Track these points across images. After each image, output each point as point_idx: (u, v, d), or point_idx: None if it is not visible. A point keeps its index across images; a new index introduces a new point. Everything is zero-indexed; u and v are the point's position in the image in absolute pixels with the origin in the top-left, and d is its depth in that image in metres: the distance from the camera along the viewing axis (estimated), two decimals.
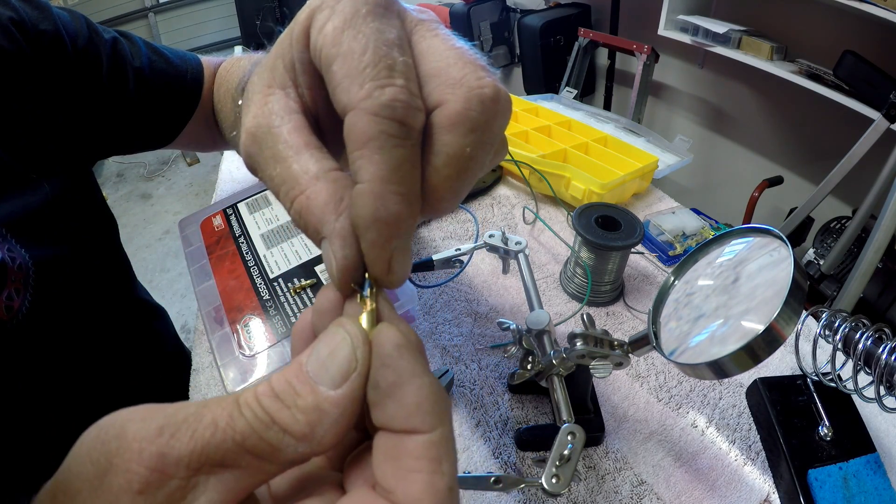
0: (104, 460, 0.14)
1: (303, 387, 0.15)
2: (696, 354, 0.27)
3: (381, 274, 0.17)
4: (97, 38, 0.46)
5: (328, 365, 0.16)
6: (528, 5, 2.26)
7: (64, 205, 0.41)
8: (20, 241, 0.37)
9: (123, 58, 0.47)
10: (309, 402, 0.15)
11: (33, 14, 0.41)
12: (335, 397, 0.15)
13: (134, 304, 0.56)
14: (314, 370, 0.16)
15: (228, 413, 0.15)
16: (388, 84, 0.16)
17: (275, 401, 0.15)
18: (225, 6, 3.16)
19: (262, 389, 0.15)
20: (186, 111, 0.52)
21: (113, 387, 0.47)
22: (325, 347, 0.16)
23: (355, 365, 0.16)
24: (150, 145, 0.53)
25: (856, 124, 1.23)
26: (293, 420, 0.15)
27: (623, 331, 0.49)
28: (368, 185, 0.16)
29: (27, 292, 0.36)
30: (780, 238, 0.27)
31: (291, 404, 0.15)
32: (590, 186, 0.60)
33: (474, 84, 0.18)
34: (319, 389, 0.15)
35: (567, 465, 0.27)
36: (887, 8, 1.13)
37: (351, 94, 0.16)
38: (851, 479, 0.34)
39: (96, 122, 0.47)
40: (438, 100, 0.18)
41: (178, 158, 3.03)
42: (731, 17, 1.61)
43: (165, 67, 0.50)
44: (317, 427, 0.15)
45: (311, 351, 0.16)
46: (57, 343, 0.40)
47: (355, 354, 0.16)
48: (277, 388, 0.15)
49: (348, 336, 0.16)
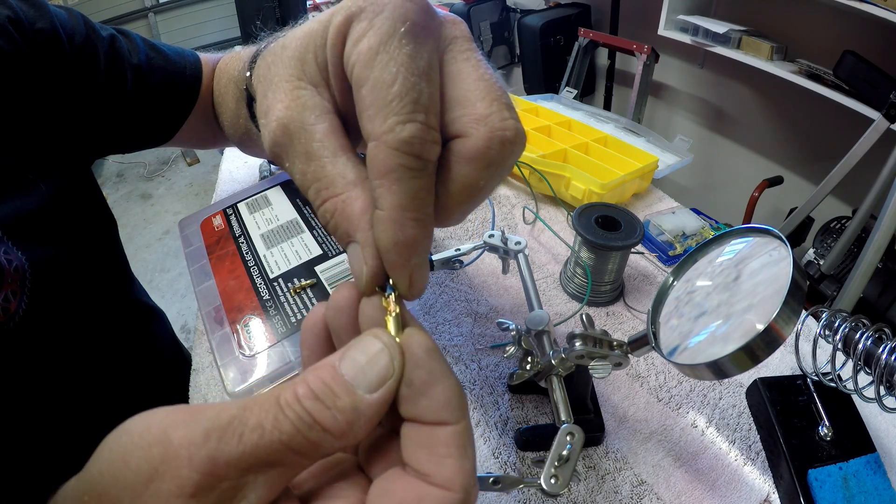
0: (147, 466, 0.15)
1: (341, 390, 0.17)
2: (695, 355, 0.27)
3: (403, 289, 0.19)
4: (94, 35, 0.45)
5: (367, 372, 0.17)
6: (528, 5, 2.26)
7: (61, 205, 0.41)
8: (16, 242, 0.36)
9: (121, 55, 0.46)
10: (348, 403, 0.16)
11: (30, 13, 0.41)
12: (372, 400, 0.17)
13: (132, 305, 0.55)
14: (351, 375, 0.17)
15: (273, 416, 0.16)
16: (410, 120, 0.18)
17: (316, 402, 0.16)
18: (225, 6, 3.16)
19: (303, 392, 0.16)
20: (185, 107, 0.52)
21: (110, 389, 0.47)
22: (362, 355, 0.17)
23: (392, 373, 0.17)
24: (149, 143, 0.53)
25: (856, 124, 1.23)
26: (333, 420, 0.16)
27: (623, 331, 0.49)
28: (388, 212, 0.18)
29: (24, 295, 0.36)
30: (780, 238, 0.27)
31: (332, 406, 0.16)
32: (590, 186, 0.60)
33: (498, 125, 0.19)
34: (357, 393, 0.17)
35: (566, 466, 0.27)
36: (887, 8, 1.13)
37: (375, 125, 0.18)
38: (851, 479, 0.34)
39: (94, 121, 0.46)
40: (462, 131, 0.19)
41: (178, 158, 3.03)
42: (731, 17, 1.61)
43: (163, 64, 0.49)
44: (354, 426, 0.16)
45: (345, 355, 0.17)
46: (54, 345, 0.40)
47: (393, 364, 0.17)
48: (317, 390, 0.16)
49: (386, 348, 0.17)
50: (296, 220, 0.49)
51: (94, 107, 0.45)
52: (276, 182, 0.55)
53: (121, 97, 0.47)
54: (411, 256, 0.19)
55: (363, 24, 0.19)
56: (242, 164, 0.73)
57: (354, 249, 0.20)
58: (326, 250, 0.45)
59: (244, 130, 0.49)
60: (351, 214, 0.19)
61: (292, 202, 0.51)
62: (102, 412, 0.46)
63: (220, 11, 3.22)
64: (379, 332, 0.18)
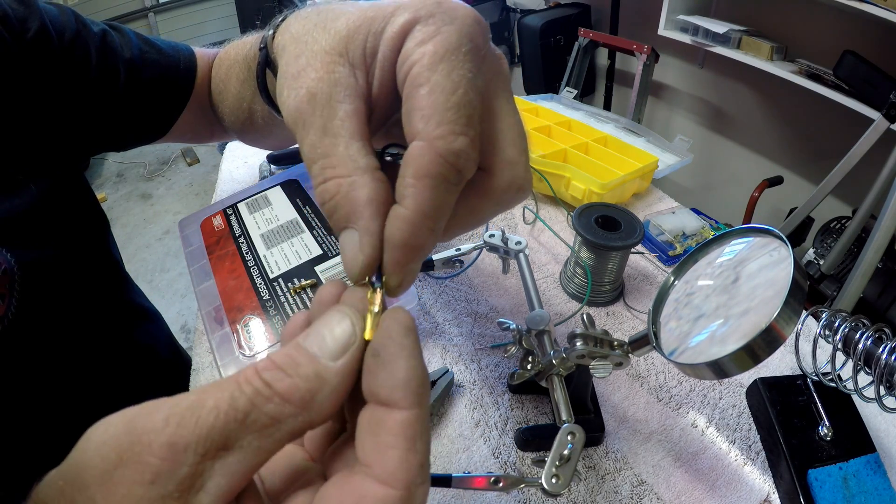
0: (113, 455, 0.15)
1: (303, 358, 0.16)
2: (695, 354, 0.27)
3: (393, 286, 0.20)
4: (85, 31, 0.44)
5: (328, 339, 0.17)
6: (528, 5, 2.26)
7: (52, 207, 0.41)
8: (5, 244, 0.36)
9: (113, 50, 0.46)
10: (310, 370, 0.16)
11: (19, 10, 0.40)
12: (334, 367, 0.16)
13: (125, 307, 0.55)
14: (314, 345, 0.17)
15: (230, 394, 0.15)
16: (464, 133, 0.18)
17: (276, 372, 0.16)
18: (225, 6, 3.16)
19: (263, 364, 0.16)
20: (180, 101, 0.51)
21: (103, 391, 0.46)
22: (323, 326, 0.17)
23: (354, 339, 0.17)
24: (144, 139, 0.52)
25: (856, 124, 1.23)
26: (294, 388, 0.16)
27: (623, 331, 0.49)
28: (411, 214, 0.18)
29: (12, 297, 0.36)
30: (780, 238, 0.27)
31: (293, 373, 0.16)
32: (590, 186, 0.60)
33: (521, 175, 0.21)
34: (320, 360, 0.16)
35: (567, 465, 0.27)
36: (887, 8, 1.13)
37: (429, 125, 0.18)
38: (851, 479, 0.34)
39: (88, 117, 0.45)
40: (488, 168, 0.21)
41: (178, 158, 3.03)
42: (731, 17, 1.61)
43: (157, 58, 0.49)
44: (317, 395, 0.16)
45: (309, 332, 0.17)
46: (45, 348, 0.40)
47: (354, 329, 0.17)
48: (278, 360, 0.16)
49: (348, 315, 0.17)
50: (296, 220, 0.49)
51: (87, 103, 0.45)
52: (276, 182, 0.55)
53: (114, 92, 0.46)
54: (413, 260, 0.19)
55: (431, 28, 0.19)
56: (242, 164, 0.73)
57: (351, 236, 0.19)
58: (326, 250, 0.45)
59: (247, 115, 0.48)
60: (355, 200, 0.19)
61: (292, 202, 0.51)
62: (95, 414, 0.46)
63: (220, 11, 3.22)
64: (339, 305, 0.18)
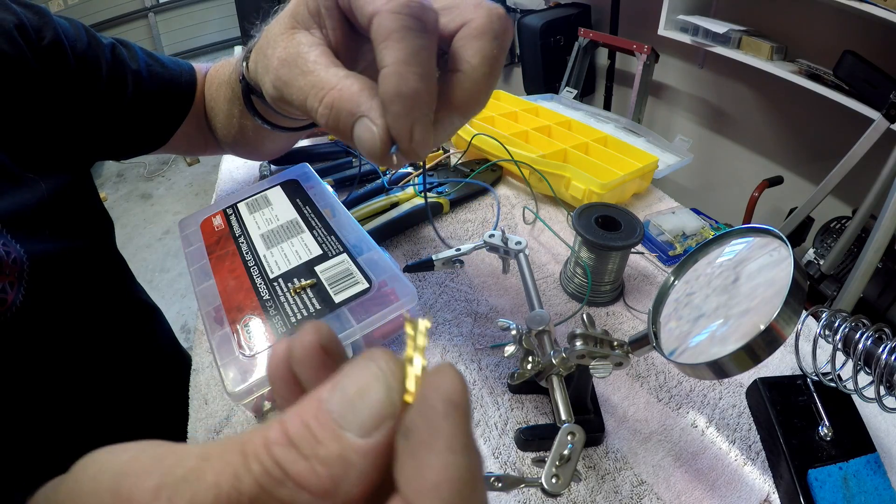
0: None
1: (325, 432, 0.12)
2: (695, 354, 0.27)
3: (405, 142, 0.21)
4: (96, 43, 0.47)
5: (358, 406, 0.13)
6: (528, 5, 2.26)
7: (60, 203, 0.42)
8: (15, 235, 0.37)
9: (122, 62, 0.48)
10: (332, 451, 0.12)
11: (34, 20, 0.42)
12: (364, 446, 0.12)
13: (130, 302, 0.56)
14: (339, 411, 0.13)
15: (233, 472, 0.12)
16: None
17: (289, 450, 0.12)
18: (225, 6, 3.16)
19: (274, 436, 0.12)
20: (180, 113, 0.53)
21: (108, 386, 0.47)
22: (352, 384, 0.13)
23: (391, 409, 0.13)
24: (143, 148, 0.54)
25: (856, 124, 1.23)
26: (312, 474, 0.12)
27: (623, 331, 0.49)
28: (392, 66, 0.20)
29: (21, 286, 0.36)
30: (780, 238, 0.27)
31: (310, 454, 0.12)
32: (590, 186, 0.60)
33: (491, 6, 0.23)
34: (346, 436, 0.12)
35: (567, 465, 0.27)
36: (887, 8, 1.13)
37: (377, 3, 0.21)
38: (851, 479, 0.34)
39: (95, 125, 0.47)
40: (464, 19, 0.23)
41: (178, 158, 3.03)
42: (731, 17, 1.61)
43: (161, 71, 0.51)
44: (341, 482, 0.12)
45: (335, 386, 0.13)
46: (51, 338, 0.40)
47: (391, 396, 0.13)
48: (293, 432, 0.12)
49: (381, 372, 0.13)
50: (296, 220, 0.49)
51: (95, 111, 0.47)
52: (276, 182, 0.55)
53: (120, 102, 0.48)
54: (412, 108, 0.20)
55: None
56: (242, 163, 0.73)
57: (362, 122, 0.21)
58: (326, 250, 0.45)
59: (238, 129, 0.51)
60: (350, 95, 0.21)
61: (292, 202, 0.51)
62: (99, 408, 0.47)
63: (220, 11, 3.22)
64: (375, 352, 0.14)
